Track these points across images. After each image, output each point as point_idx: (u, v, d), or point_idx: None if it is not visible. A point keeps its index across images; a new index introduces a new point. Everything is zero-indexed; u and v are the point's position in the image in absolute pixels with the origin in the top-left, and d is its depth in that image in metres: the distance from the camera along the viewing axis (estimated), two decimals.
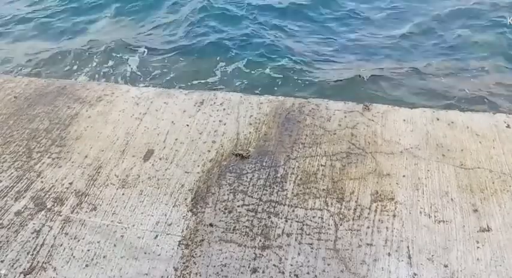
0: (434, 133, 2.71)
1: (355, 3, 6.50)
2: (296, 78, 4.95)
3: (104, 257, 2.12)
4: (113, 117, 3.02)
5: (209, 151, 2.69)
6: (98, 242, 2.19)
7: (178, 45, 5.81)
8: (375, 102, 3.02)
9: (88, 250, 2.15)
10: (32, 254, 2.15)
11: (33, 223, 2.30)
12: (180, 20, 6.34)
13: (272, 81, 4.96)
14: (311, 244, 2.12)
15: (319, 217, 2.24)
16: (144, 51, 5.69)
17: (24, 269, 2.08)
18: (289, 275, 2.00)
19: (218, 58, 5.46)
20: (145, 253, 2.13)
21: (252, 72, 5.14)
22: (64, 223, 2.30)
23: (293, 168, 2.53)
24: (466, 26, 5.80)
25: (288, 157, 2.61)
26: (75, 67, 5.49)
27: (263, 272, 2.02)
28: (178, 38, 5.97)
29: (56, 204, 2.40)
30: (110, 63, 5.53)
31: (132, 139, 2.81)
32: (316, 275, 1.99)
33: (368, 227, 2.18)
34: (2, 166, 2.66)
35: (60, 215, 2.34)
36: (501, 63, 5.08)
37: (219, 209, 2.32)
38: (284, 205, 2.31)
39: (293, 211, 2.28)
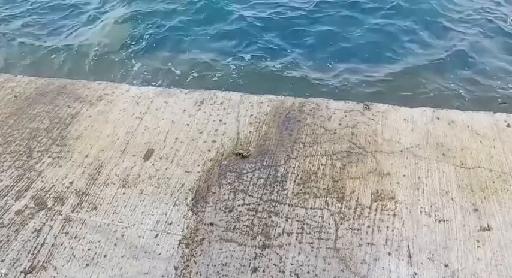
0: (435, 132, 2.71)
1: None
2: (298, 77, 4.95)
3: (104, 256, 2.12)
4: (113, 116, 3.02)
5: (209, 150, 2.69)
6: (99, 241, 2.19)
7: (179, 44, 5.81)
8: (375, 101, 3.02)
9: (88, 249, 2.16)
10: (33, 254, 2.15)
11: (34, 223, 2.30)
12: (180, 19, 6.35)
13: (273, 80, 4.96)
14: (311, 243, 2.12)
15: (319, 216, 2.24)
16: (145, 51, 5.69)
17: (25, 268, 2.09)
18: (290, 275, 2.00)
19: (219, 57, 5.46)
20: (145, 252, 2.13)
21: (254, 71, 5.14)
22: (64, 222, 2.30)
23: (293, 167, 2.53)
24: (466, 25, 5.80)
25: (288, 156, 2.61)
26: (75, 66, 5.50)
27: (263, 271, 2.02)
28: (179, 37, 5.97)
29: (56, 203, 2.40)
30: (111, 62, 5.52)
31: (132, 139, 2.82)
32: (316, 275, 1.99)
33: (368, 226, 2.18)
34: (3, 165, 2.66)
35: (61, 215, 2.34)
36: (501, 62, 5.08)
37: (220, 208, 2.32)
38: (284, 205, 2.31)
39: (293, 210, 2.28)
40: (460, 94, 4.57)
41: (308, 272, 2.00)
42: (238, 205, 2.33)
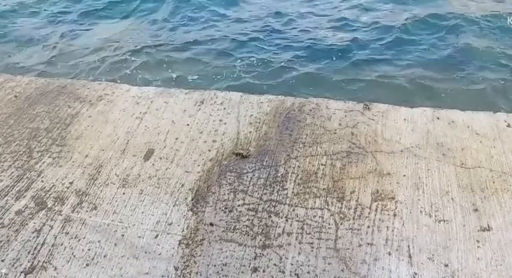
0: (435, 132, 2.71)
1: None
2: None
3: (104, 256, 2.12)
4: (113, 116, 3.02)
5: (209, 150, 2.69)
6: (99, 241, 2.19)
7: (179, 43, 5.82)
8: (375, 101, 3.01)
9: (89, 250, 2.16)
10: (33, 254, 2.15)
11: (34, 223, 2.30)
12: (181, 19, 6.36)
13: (274, 78, 4.96)
14: (311, 243, 2.12)
15: (319, 217, 2.24)
16: (145, 50, 5.69)
17: (25, 268, 2.09)
18: (290, 275, 2.00)
19: (220, 56, 5.47)
20: (145, 252, 2.13)
21: (254, 68, 5.15)
22: (65, 222, 2.30)
23: (293, 167, 2.53)
24: (466, 24, 5.81)
25: (288, 156, 2.61)
26: (76, 66, 5.50)
27: (263, 271, 2.02)
28: (179, 37, 5.98)
29: (56, 203, 2.40)
30: (111, 62, 5.53)
31: (132, 139, 2.82)
32: (316, 275, 1.99)
33: (368, 226, 2.18)
34: (3, 165, 2.66)
35: (61, 215, 2.34)
36: (501, 63, 5.08)
37: (220, 208, 2.32)
38: (284, 205, 2.31)
39: (293, 210, 2.28)
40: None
41: (308, 272, 2.00)
42: (238, 205, 2.33)
